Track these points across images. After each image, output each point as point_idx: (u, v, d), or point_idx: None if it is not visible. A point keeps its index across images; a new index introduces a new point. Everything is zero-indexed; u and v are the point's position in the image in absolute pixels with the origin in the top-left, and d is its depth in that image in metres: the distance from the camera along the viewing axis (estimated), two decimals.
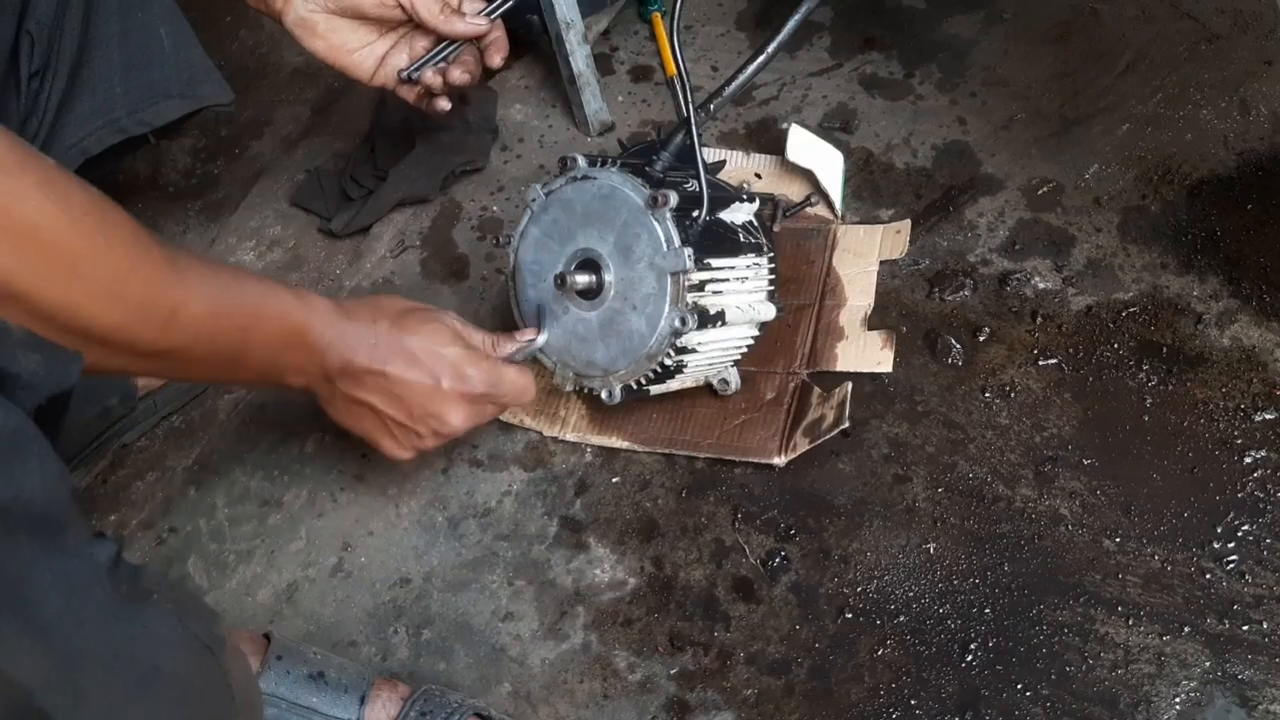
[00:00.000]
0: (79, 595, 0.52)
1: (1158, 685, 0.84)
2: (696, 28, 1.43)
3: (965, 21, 1.34)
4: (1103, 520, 0.93)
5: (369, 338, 0.86)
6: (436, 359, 0.89)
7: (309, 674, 0.86)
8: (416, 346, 0.88)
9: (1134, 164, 1.15)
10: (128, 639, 0.56)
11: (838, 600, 0.93)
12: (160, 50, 1.02)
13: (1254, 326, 1.00)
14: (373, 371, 0.86)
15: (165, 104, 1.03)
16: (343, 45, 1.06)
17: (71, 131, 0.99)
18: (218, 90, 1.07)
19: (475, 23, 1.07)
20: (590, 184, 0.94)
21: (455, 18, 1.05)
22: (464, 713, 0.87)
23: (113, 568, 0.56)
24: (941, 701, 0.86)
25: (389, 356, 0.87)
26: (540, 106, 1.39)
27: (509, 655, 0.95)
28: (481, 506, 1.05)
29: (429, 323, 0.90)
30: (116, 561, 0.57)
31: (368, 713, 0.86)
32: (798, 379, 1.06)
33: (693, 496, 1.02)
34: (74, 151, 1.00)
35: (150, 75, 1.02)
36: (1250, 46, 1.21)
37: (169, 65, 1.03)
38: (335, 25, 1.04)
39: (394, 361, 0.87)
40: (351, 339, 0.85)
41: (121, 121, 1.01)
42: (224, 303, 0.73)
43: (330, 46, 1.06)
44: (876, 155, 1.24)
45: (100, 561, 0.55)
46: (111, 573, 0.56)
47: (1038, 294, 1.08)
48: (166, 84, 1.03)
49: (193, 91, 1.05)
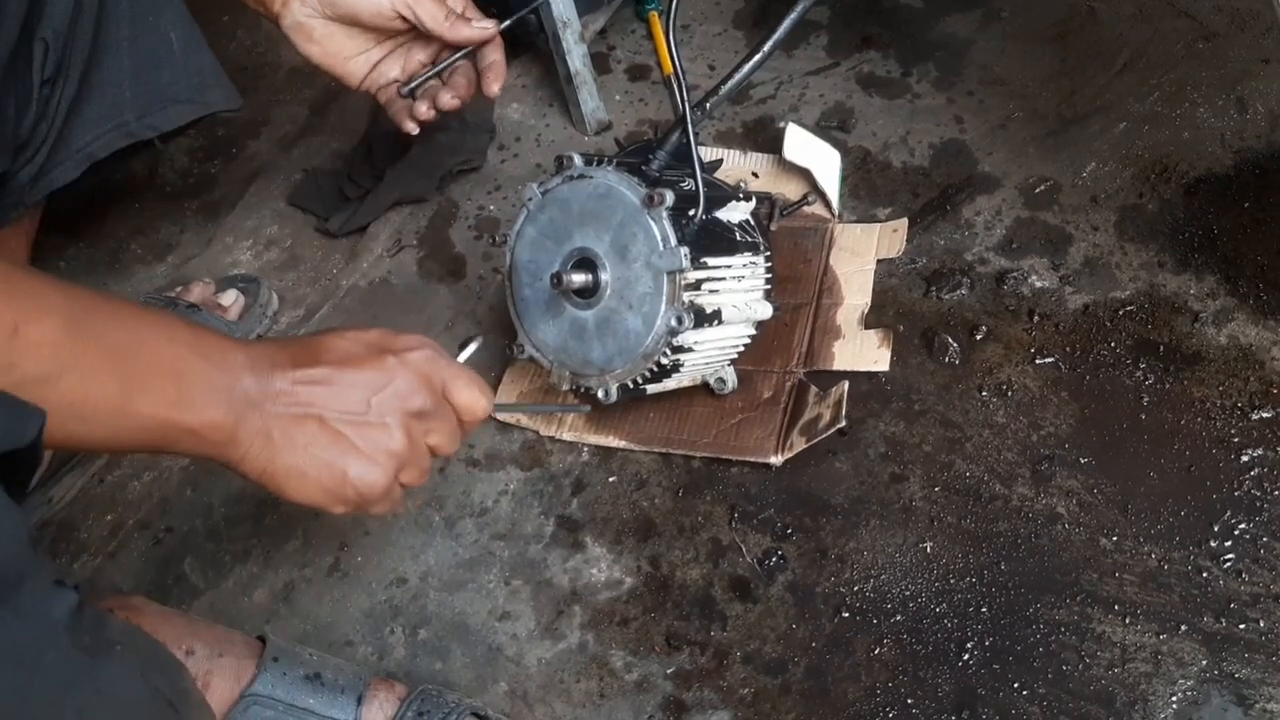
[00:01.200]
0: (28, 666, 0.49)
1: (1154, 684, 0.84)
2: (693, 26, 1.43)
3: (962, 20, 1.34)
4: (1099, 519, 0.93)
5: (285, 345, 0.73)
6: (367, 334, 0.75)
7: (305, 675, 0.86)
8: (339, 335, 0.75)
9: (1131, 162, 1.15)
10: (81, 705, 0.52)
11: (834, 599, 0.93)
12: (170, 55, 1.01)
13: (1251, 325, 1.00)
14: (307, 369, 0.71)
15: (174, 109, 1.03)
16: (338, 52, 1.04)
17: (79, 136, 0.98)
18: (226, 96, 1.06)
19: (483, 26, 1.03)
20: (587, 183, 0.94)
21: (461, 23, 1.01)
22: (461, 712, 0.87)
23: (73, 621, 0.53)
24: (938, 700, 0.86)
25: (318, 350, 0.73)
26: (537, 105, 1.39)
27: (505, 655, 0.95)
28: (478, 506, 1.05)
29: (355, 355, 0.75)
30: (78, 611, 0.53)
31: (364, 713, 0.85)
32: (794, 378, 1.06)
33: (689, 496, 1.02)
34: (81, 156, 0.99)
35: (159, 80, 1.01)
36: (1247, 45, 1.21)
37: (178, 70, 1.02)
38: (332, 31, 1.02)
39: (327, 351, 0.73)
40: (266, 349, 0.71)
41: (130, 126, 1.00)
42: (85, 324, 0.60)
43: (325, 53, 1.04)
44: (874, 154, 1.24)
45: (57, 619, 0.52)
46: (71, 628, 0.53)
47: (1035, 293, 1.07)
48: (175, 89, 1.02)
49: (201, 97, 1.04)
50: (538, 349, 0.99)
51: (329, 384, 0.71)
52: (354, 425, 0.72)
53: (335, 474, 0.71)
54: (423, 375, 0.75)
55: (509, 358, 1.04)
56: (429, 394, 0.75)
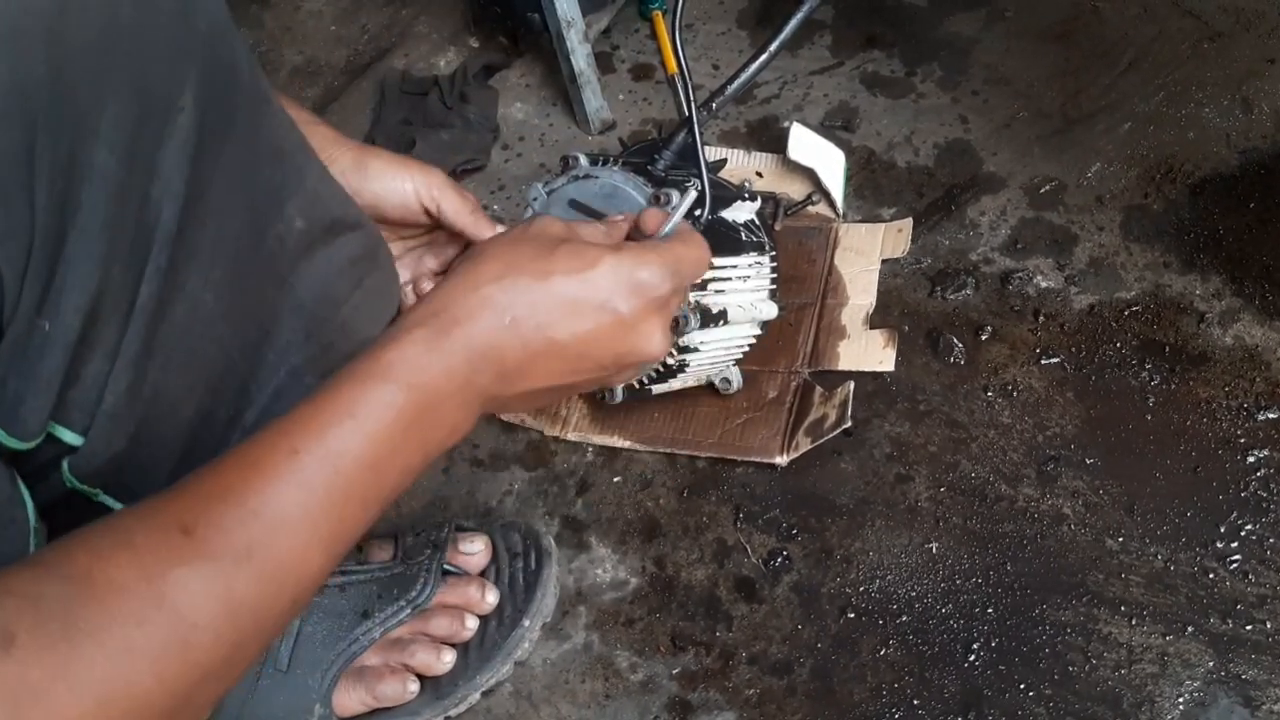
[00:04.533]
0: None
1: (1161, 685, 0.84)
2: (697, 26, 1.42)
3: (967, 19, 1.34)
4: (1105, 520, 0.93)
5: (497, 323, 0.64)
6: (596, 287, 0.67)
7: None
8: (563, 289, 0.66)
9: (1136, 162, 1.15)
10: None
11: (840, 600, 0.93)
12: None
13: (1257, 325, 1.00)
14: (535, 355, 0.66)
15: None
16: None
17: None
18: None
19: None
20: (592, 183, 0.94)
21: (485, 223, 0.91)
22: (450, 525, 0.94)
23: None
24: (944, 701, 0.86)
25: (543, 323, 0.65)
26: (541, 105, 1.39)
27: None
28: (483, 506, 1.05)
29: (546, 252, 0.67)
30: None
31: (369, 555, 0.93)
32: (799, 378, 1.06)
33: (694, 496, 1.02)
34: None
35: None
36: (1253, 44, 1.21)
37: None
38: None
39: (553, 325, 0.66)
40: (480, 343, 0.64)
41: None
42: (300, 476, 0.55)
43: None
44: (878, 154, 1.24)
45: None
46: None
47: (1040, 293, 1.07)
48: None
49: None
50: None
51: (565, 360, 0.67)
52: (593, 381, 0.71)
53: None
54: (665, 314, 0.72)
55: None
56: (667, 332, 0.73)
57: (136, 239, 0.57)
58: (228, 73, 0.61)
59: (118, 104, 0.54)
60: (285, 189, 0.67)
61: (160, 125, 0.57)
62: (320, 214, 0.71)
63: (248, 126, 0.64)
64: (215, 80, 0.60)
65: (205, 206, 0.61)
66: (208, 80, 0.59)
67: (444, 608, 0.91)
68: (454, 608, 0.92)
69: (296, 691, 0.86)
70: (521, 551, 0.96)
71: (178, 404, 0.64)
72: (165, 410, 0.63)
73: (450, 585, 0.92)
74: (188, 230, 0.60)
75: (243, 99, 0.63)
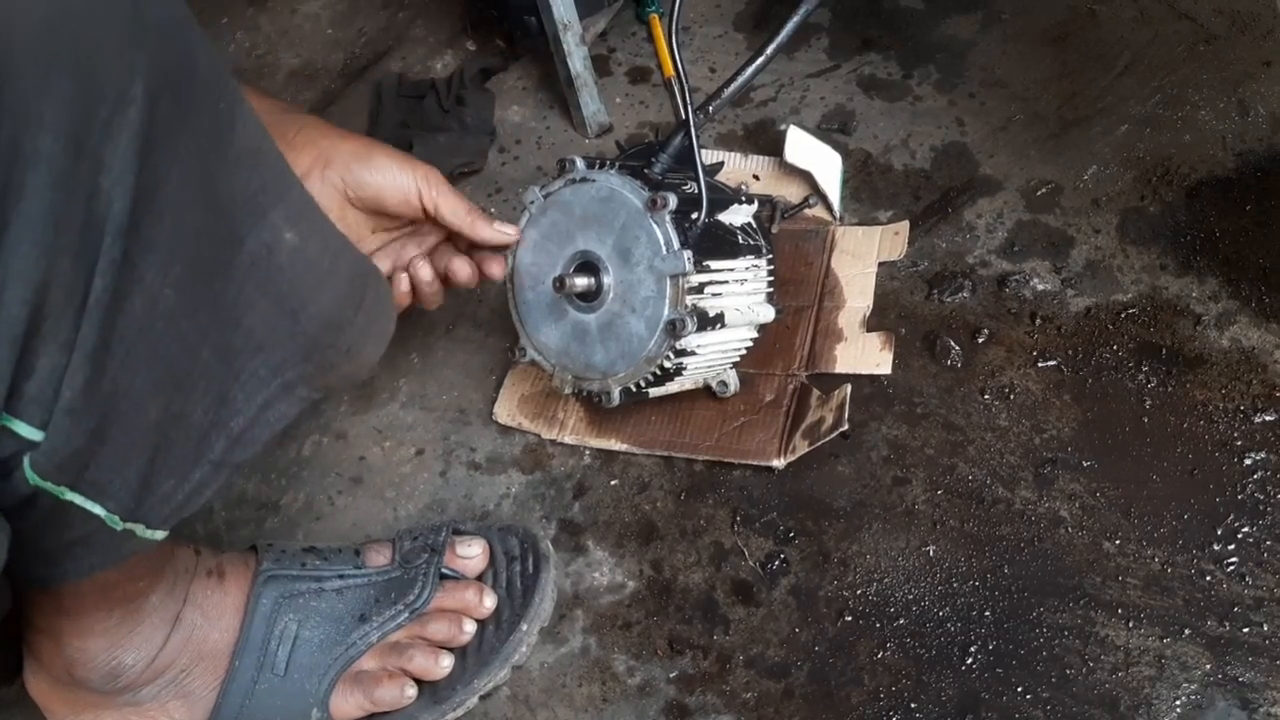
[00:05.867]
0: None
1: (1158, 688, 0.84)
2: (694, 29, 1.42)
3: (963, 22, 1.34)
4: (1102, 522, 0.93)
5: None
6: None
7: (302, 549, 0.93)
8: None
9: (1132, 165, 1.15)
10: None
11: (837, 603, 0.93)
12: None
13: (1253, 328, 1.00)
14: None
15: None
16: (350, 234, 0.92)
17: None
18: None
19: (503, 230, 0.97)
20: (589, 186, 0.94)
21: (482, 222, 0.95)
22: (448, 529, 0.96)
23: None
24: (942, 705, 0.86)
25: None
26: (538, 108, 1.39)
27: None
28: (479, 509, 1.05)
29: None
30: None
31: (367, 559, 0.93)
32: (797, 381, 1.06)
33: (692, 499, 1.02)
34: None
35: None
36: (1248, 47, 1.21)
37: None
38: (347, 213, 0.94)
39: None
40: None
41: None
42: None
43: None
44: (875, 156, 1.24)
45: None
46: None
47: (1037, 295, 1.07)
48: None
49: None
50: (540, 352, 0.99)
51: None
52: None
53: None
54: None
55: (511, 361, 1.03)
56: None
57: (86, 230, 0.56)
58: (184, 66, 0.60)
59: (62, 89, 0.53)
60: (265, 193, 0.67)
61: (109, 114, 0.55)
62: (313, 228, 0.70)
63: (209, 122, 0.63)
64: (169, 73, 0.58)
65: (161, 201, 0.59)
66: (160, 72, 0.57)
67: (442, 612, 0.91)
68: (452, 612, 0.92)
69: (294, 696, 0.86)
70: (519, 555, 0.96)
71: (142, 401, 0.63)
72: (129, 407, 0.62)
73: (448, 589, 0.92)
74: (142, 224, 0.58)
75: (202, 94, 0.62)
